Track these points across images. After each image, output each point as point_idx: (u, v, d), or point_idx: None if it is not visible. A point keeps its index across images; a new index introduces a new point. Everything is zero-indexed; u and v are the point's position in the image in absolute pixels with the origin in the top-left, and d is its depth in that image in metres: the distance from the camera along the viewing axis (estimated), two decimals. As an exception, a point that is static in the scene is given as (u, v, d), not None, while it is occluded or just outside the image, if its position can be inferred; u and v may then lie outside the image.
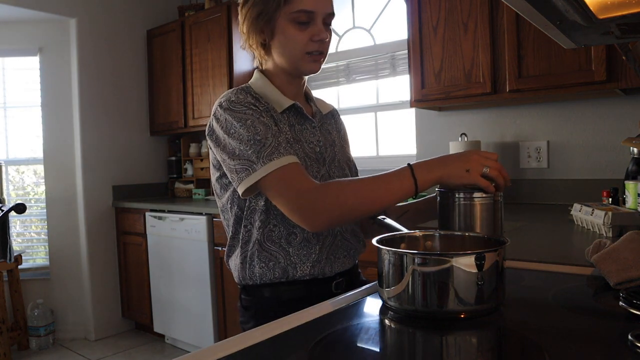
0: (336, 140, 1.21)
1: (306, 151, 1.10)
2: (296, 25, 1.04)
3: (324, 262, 1.10)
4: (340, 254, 1.13)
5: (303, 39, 1.05)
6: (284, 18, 1.04)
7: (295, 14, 1.03)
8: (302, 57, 1.06)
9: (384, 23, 3.10)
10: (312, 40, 1.05)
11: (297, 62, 1.07)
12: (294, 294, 1.09)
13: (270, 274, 1.08)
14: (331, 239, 1.11)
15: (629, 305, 0.74)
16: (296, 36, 1.04)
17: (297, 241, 1.07)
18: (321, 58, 1.09)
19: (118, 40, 3.71)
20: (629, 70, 1.89)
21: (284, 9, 1.03)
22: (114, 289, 3.67)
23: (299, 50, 1.05)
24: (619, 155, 2.21)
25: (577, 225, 1.68)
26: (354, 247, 1.18)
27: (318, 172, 1.10)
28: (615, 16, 0.77)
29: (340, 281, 1.14)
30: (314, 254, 1.08)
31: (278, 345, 0.71)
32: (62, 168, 3.58)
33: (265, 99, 1.09)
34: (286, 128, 1.08)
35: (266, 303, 1.11)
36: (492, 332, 0.76)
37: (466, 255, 0.74)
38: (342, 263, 1.14)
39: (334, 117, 1.26)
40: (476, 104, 2.47)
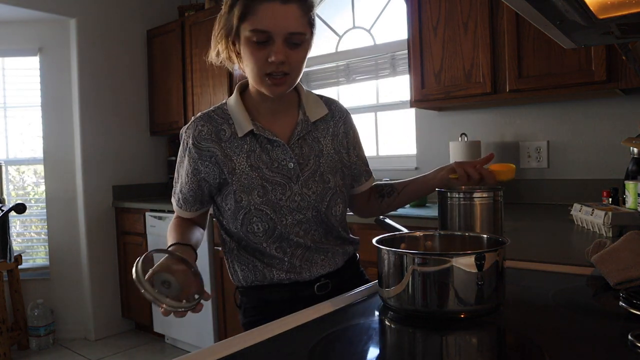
0: (325, 148, 1.14)
1: (266, 176, 1.07)
2: (254, 44, 0.98)
3: (298, 269, 1.11)
4: (317, 259, 1.12)
5: (260, 58, 0.98)
6: (243, 35, 0.99)
7: (250, 33, 0.97)
8: (261, 79, 1.01)
9: (384, 23, 3.10)
10: (267, 62, 0.98)
11: (257, 84, 1.03)
12: (278, 295, 1.12)
13: (252, 276, 1.13)
14: (302, 250, 1.11)
15: (629, 305, 0.74)
16: (252, 55, 0.99)
17: (267, 253, 1.10)
18: (285, 80, 1.01)
19: (118, 40, 3.71)
20: (629, 70, 1.89)
21: (242, 26, 0.99)
22: (114, 289, 3.67)
23: (256, 70, 1.00)
24: (619, 155, 2.21)
25: (577, 225, 1.68)
26: (334, 251, 1.15)
27: (284, 193, 1.07)
28: (615, 16, 0.77)
29: (324, 283, 1.13)
30: (284, 263, 1.11)
31: (278, 345, 0.71)
32: (62, 168, 3.58)
33: (233, 120, 1.10)
34: (242, 157, 1.07)
35: (253, 303, 1.15)
36: (492, 332, 0.76)
37: (466, 255, 0.74)
38: (322, 266, 1.13)
39: (332, 120, 1.18)
40: (476, 104, 2.47)
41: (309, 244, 1.11)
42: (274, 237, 1.09)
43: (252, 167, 1.07)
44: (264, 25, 0.96)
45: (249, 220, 1.07)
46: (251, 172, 1.07)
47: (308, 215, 1.10)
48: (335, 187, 1.13)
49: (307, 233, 1.11)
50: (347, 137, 1.20)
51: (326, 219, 1.13)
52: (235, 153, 1.08)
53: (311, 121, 1.14)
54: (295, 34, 0.98)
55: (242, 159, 1.07)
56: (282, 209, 1.07)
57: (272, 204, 1.06)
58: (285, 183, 1.08)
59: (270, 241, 1.09)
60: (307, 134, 1.13)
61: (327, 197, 1.11)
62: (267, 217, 1.07)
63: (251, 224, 1.07)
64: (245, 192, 1.06)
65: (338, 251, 1.16)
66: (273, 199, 1.06)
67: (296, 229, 1.09)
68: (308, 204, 1.09)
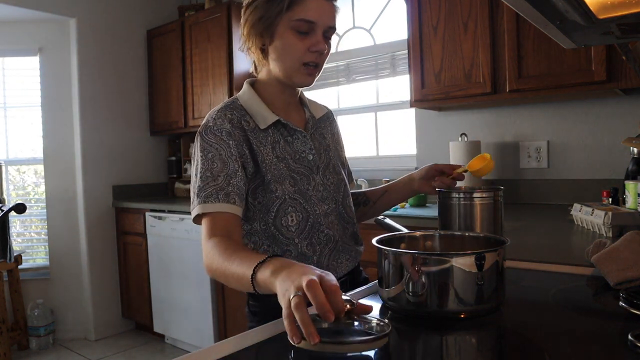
0: (330, 144, 1.21)
1: (292, 167, 1.09)
2: (296, 33, 1.02)
3: (325, 268, 1.10)
4: (343, 258, 1.14)
5: (301, 48, 1.03)
6: (284, 25, 1.02)
7: (296, 22, 1.01)
8: (298, 68, 1.05)
9: (384, 23, 3.10)
10: (309, 51, 1.03)
11: (291, 72, 1.06)
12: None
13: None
14: (331, 245, 1.12)
15: (629, 305, 0.74)
16: (294, 44, 1.03)
17: (293, 257, 1.08)
18: (316, 72, 1.07)
19: (118, 40, 3.71)
20: (629, 70, 1.89)
21: (286, 16, 1.02)
22: (114, 289, 3.67)
23: (296, 59, 1.04)
24: (619, 155, 2.21)
25: (577, 225, 1.68)
26: (355, 250, 1.19)
27: (309, 183, 1.10)
28: (615, 16, 0.77)
29: (344, 280, 1.15)
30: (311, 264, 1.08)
31: (278, 345, 0.71)
32: (62, 168, 3.58)
33: (250, 114, 1.09)
34: (267, 149, 1.08)
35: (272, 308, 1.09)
36: (492, 332, 0.76)
37: (466, 255, 0.74)
38: (346, 266, 1.15)
39: (328, 120, 1.26)
40: (476, 104, 2.47)
41: (337, 238, 1.13)
42: (306, 230, 1.08)
43: (279, 158, 1.08)
44: (311, 15, 1.02)
45: (284, 212, 1.06)
46: (278, 163, 1.08)
47: (331, 206, 1.13)
48: (345, 180, 1.21)
49: (335, 224, 1.13)
50: (340, 138, 1.30)
51: (343, 211, 1.16)
52: (262, 144, 1.08)
53: (316, 118, 1.21)
54: (331, 29, 1.06)
55: (268, 150, 1.08)
56: (312, 199, 1.09)
57: (302, 193, 1.08)
58: (308, 174, 1.11)
59: (302, 236, 1.08)
60: (316, 129, 1.19)
61: (342, 188, 1.17)
62: (301, 206, 1.07)
63: (286, 215, 1.06)
64: (278, 182, 1.06)
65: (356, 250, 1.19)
66: (303, 188, 1.09)
67: (327, 219, 1.11)
68: (329, 194, 1.13)
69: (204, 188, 1.00)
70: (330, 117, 1.27)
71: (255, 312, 1.14)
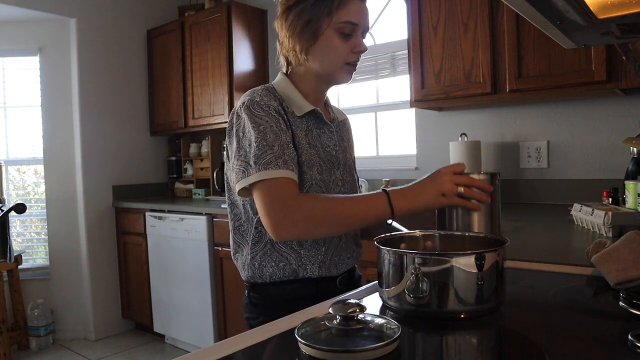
0: (347, 146, 1.26)
1: (321, 156, 1.13)
2: (341, 35, 1.08)
3: (329, 263, 1.13)
4: (345, 256, 1.17)
5: (345, 49, 1.09)
6: (331, 27, 1.08)
7: (341, 25, 1.07)
8: (341, 67, 1.11)
9: (384, 23, 3.10)
10: (352, 52, 1.10)
11: (334, 71, 1.12)
12: (302, 291, 1.12)
13: (280, 274, 1.11)
14: (337, 241, 1.15)
15: (629, 305, 0.74)
16: (340, 46, 1.09)
17: (307, 243, 1.11)
18: (355, 69, 1.15)
19: (118, 40, 3.71)
20: (629, 70, 1.89)
21: (333, 18, 1.07)
22: (114, 289, 3.67)
23: (340, 59, 1.10)
24: (619, 155, 2.21)
25: (577, 225, 1.68)
26: (355, 251, 1.22)
27: (331, 176, 1.14)
28: (615, 16, 0.77)
29: (344, 276, 1.18)
30: (320, 255, 1.12)
31: (278, 345, 0.71)
32: (62, 168, 3.58)
33: (287, 102, 1.12)
34: (302, 134, 1.11)
35: (275, 300, 1.14)
36: (492, 332, 0.76)
37: (466, 255, 0.74)
38: (346, 264, 1.18)
39: (345, 125, 1.30)
40: (476, 104, 2.47)
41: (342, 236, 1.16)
42: None
43: (310, 145, 1.12)
44: (354, 17, 1.08)
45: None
46: (310, 150, 1.11)
47: None
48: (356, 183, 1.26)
49: None
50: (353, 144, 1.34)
51: None
52: (298, 128, 1.11)
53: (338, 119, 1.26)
54: (367, 30, 1.14)
55: (302, 135, 1.11)
56: (332, 191, 1.13)
57: (325, 183, 1.12)
58: (331, 167, 1.15)
59: None
60: (338, 129, 1.23)
61: (355, 189, 1.22)
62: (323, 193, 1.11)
63: None
64: (308, 166, 1.09)
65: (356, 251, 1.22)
66: (326, 179, 1.12)
67: None
68: (345, 191, 1.17)
69: (261, 156, 1.00)
70: (347, 124, 1.32)
71: (256, 304, 1.15)
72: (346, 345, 0.63)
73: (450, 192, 0.97)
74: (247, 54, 3.38)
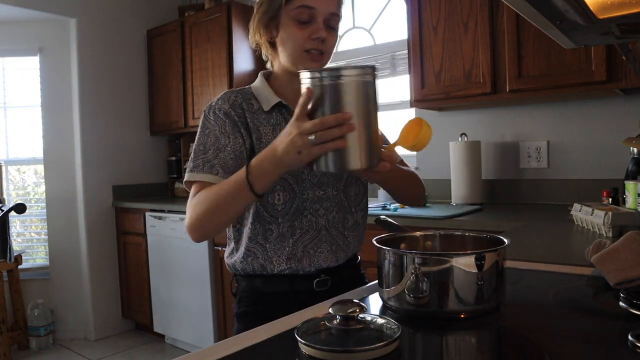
0: None
1: None
2: (297, 22, 1.06)
3: (300, 255, 1.11)
4: (324, 248, 1.13)
5: (302, 36, 1.06)
6: (286, 15, 1.06)
7: (296, 10, 1.05)
8: (300, 56, 1.08)
9: (384, 23, 3.10)
10: (310, 38, 1.06)
11: (296, 61, 1.09)
12: (276, 287, 1.12)
13: (249, 269, 1.14)
14: (313, 233, 1.12)
15: (629, 305, 0.74)
16: (296, 33, 1.06)
17: (273, 237, 1.11)
18: (322, 58, 1.09)
19: (118, 40, 3.71)
20: (629, 70, 1.89)
21: (287, 6, 1.06)
22: (114, 289, 3.67)
23: (297, 47, 1.07)
24: (619, 155, 2.21)
25: (577, 225, 1.68)
26: (339, 244, 1.15)
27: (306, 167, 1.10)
28: (615, 16, 0.77)
29: (323, 279, 1.13)
30: (287, 247, 1.11)
31: (278, 346, 0.71)
32: (62, 168, 3.58)
33: (258, 98, 1.15)
34: (268, 129, 1.12)
35: (249, 292, 1.16)
36: (492, 332, 0.76)
37: (466, 255, 0.74)
38: (325, 258, 1.12)
39: None
40: (476, 104, 2.47)
41: (321, 227, 1.12)
42: (291, 212, 1.10)
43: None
44: (311, 2, 1.04)
45: (272, 189, 1.09)
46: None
47: (329, 192, 1.13)
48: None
49: (329, 212, 1.13)
50: None
51: (345, 199, 1.16)
52: (262, 124, 1.12)
53: None
54: (334, 16, 1.09)
55: (268, 130, 1.12)
56: (304, 182, 1.11)
57: (295, 175, 1.10)
58: None
59: (287, 217, 1.10)
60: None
61: (344, 176, 1.17)
62: (290, 187, 1.10)
63: (273, 193, 1.09)
64: None
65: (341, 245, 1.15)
66: (297, 171, 1.10)
67: (316, 205, 1.11)
68: (328, 181, 1.13)
69: (194, 159, 1.09)
70: None
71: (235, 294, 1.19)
72: (346, 345, 0.63)
73: (303, 146, 0.83)
74: (247, 54, 3.37)
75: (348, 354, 0.61)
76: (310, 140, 0.82)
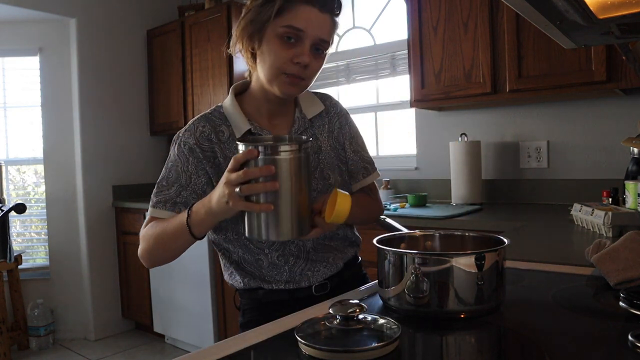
0: (324, 144, 1.14)
1: None
2: (282, 40, 0.98)
3: (298, 278, 1.10)
4: (320, 266, 1.12)
5: (285, 57, 0.98)
6: (272, 30, 0.99)
7: (283, 29, 0.97)
8: (277, 76, 1.00)
9: (384, 23, 3.10)
10: (292, 61, 0.98)
11: (272, 80, 1.01)
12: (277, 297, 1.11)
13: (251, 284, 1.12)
14: (304, 256, 1.10)
15: (629, 305, 0.74)
16: (278, 52, 0.98)
17: (265, 266, 1.09)
18: (300, 83, 1.02)
19: (118, 40, 3.71)
20: (629, 70, 1.89)
21: (275, 21, 0.98)
22: (114, 289, 3.67)
23: (276, 67, 0.99)
24: (619, 155, 2.21)
25: (577, 225, 1.68)
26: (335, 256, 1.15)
27: None
28: (615, 16, 0.77)
29: (322, 284, 1.12)
30: (284, 273, 1.10)
31: (278, 346, 0.71)
32: (62, 168, 3.58)
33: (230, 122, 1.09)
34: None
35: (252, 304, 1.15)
36: (492, 332, 0.76)
37: (466, 255, 0.74)
38: (323, 273, 1.12)
39: (327, 116, 1.17)
40: (476, 104, 2.47)
41: (309, 250, 1.10)
42: (277, 244, 1.08)
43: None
44: (300, 24, 0.97)
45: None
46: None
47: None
48: (335, 184, 1.13)
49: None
50: (342, 131, 1.19)
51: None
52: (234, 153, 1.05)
53: (308, 118, 1.14)
54: (323, 42, 1.01)
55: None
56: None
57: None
58: None
59: (273, 248, 1.08)
60: (304, 131, 1.13)
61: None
62: None
63: None
64: None
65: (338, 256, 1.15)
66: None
67: None
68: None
69: (157, 194, 1.08)
70: (331, 113, 1.18)
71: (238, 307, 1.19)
72: (346, 345, 0.63)
73: (230, 196, 0.84)
74: (247, 54, 3.37)
75: (348, 354, 0.61)
76: (237, 192, 0.83)
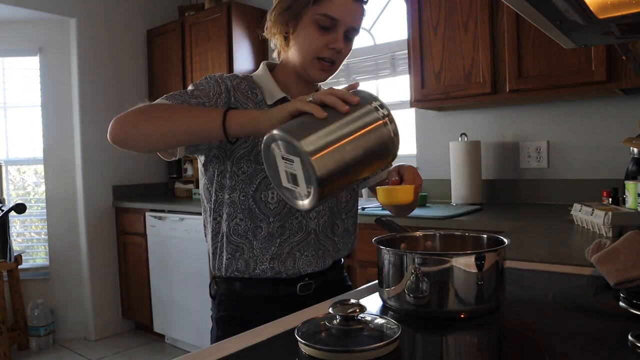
0: None
1: None
2: (318, 27, 1.05)
3: (284, 257, 1.09)
4: (308, 252, 1.12)
5: (320, 42, 1.05)
6: (309, 17, 1.05)
7: (319, 16, 1.04)
8: (311, 61, 1.07)
9: (384, 23, 3.10)
10: (327, 47, 1.06)
11: (306, 64, 1.08)
12: (259, 291, 1.11)
13: (234, 266, 1.10)
14: (301, 235, 1.11)
15: (629, 306, 0.74)
16: (314, 38, 1.05)
17: (262, 235, 1.09)
18: (331, 68, 1.09)
19: (118, 40, 3.71)
20: (629, 70, 1.89)
21: (312, 9, 1.04)
22: (114, 289, 3.67)
23: (312, 52, 1.06)
24: (619, 155, 2.21)
25: (577, 225, 1.68)
26: (328, 250, 1.15)
27: None
28: (615, 16, 0.77)
29: (307, 283, 1.12)
30: (273, 246, 1.09)
31: (278, 346, 0.71)
32: (62, 168, 3.58)
33: (260, 88, 1.12)
34: None
35: (230, 296, 1.14)
36: (492, 332, 0.76)
37: (466, 255, 0.74)
38: (309, 262, 1.12)
39: None
40: (476, 104, 2.47)
41: (311, 231, 1.11)
42: (283, 212, 1.08)
43: None
44: (335, 12, 1.03)
45: (266, 186, 1.06)
46: None
47: None
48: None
49: (320, 216, 1.12)
50: None
51: (336, 205, 1.15)
52: None
53: None
54: (354, 30, 1.09)
55: None
56: None
57: None
58: None
59: (278, 217, 1.08)
60: None
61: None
62: None
63: (267, 190, 1.07)
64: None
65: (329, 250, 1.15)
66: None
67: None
68: None
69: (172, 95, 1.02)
70: None
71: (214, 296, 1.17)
72: (346, 345, 0.63)
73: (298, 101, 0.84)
74: (247, 54, 3.38)
75: (348, 354, 0.61)
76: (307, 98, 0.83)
